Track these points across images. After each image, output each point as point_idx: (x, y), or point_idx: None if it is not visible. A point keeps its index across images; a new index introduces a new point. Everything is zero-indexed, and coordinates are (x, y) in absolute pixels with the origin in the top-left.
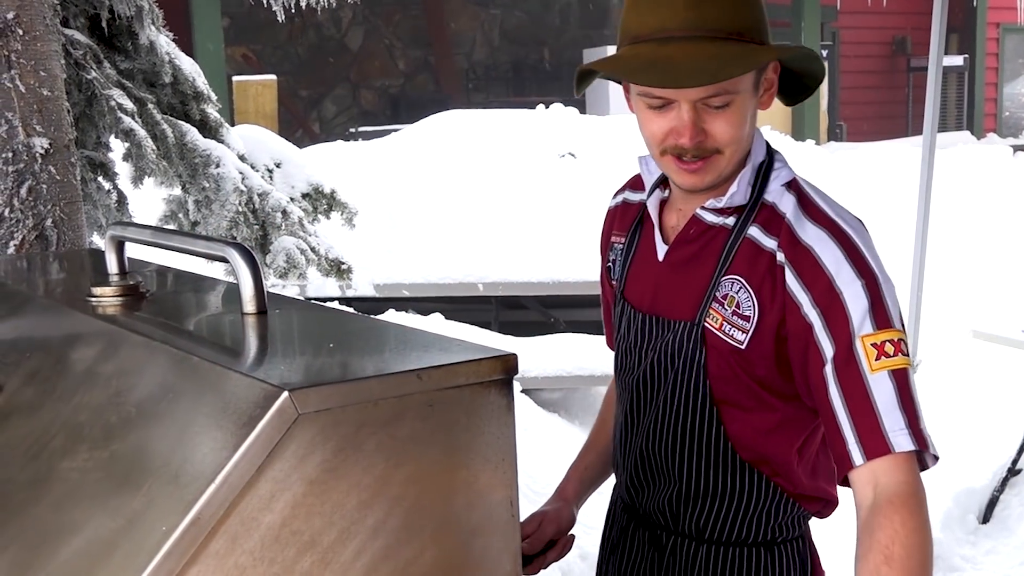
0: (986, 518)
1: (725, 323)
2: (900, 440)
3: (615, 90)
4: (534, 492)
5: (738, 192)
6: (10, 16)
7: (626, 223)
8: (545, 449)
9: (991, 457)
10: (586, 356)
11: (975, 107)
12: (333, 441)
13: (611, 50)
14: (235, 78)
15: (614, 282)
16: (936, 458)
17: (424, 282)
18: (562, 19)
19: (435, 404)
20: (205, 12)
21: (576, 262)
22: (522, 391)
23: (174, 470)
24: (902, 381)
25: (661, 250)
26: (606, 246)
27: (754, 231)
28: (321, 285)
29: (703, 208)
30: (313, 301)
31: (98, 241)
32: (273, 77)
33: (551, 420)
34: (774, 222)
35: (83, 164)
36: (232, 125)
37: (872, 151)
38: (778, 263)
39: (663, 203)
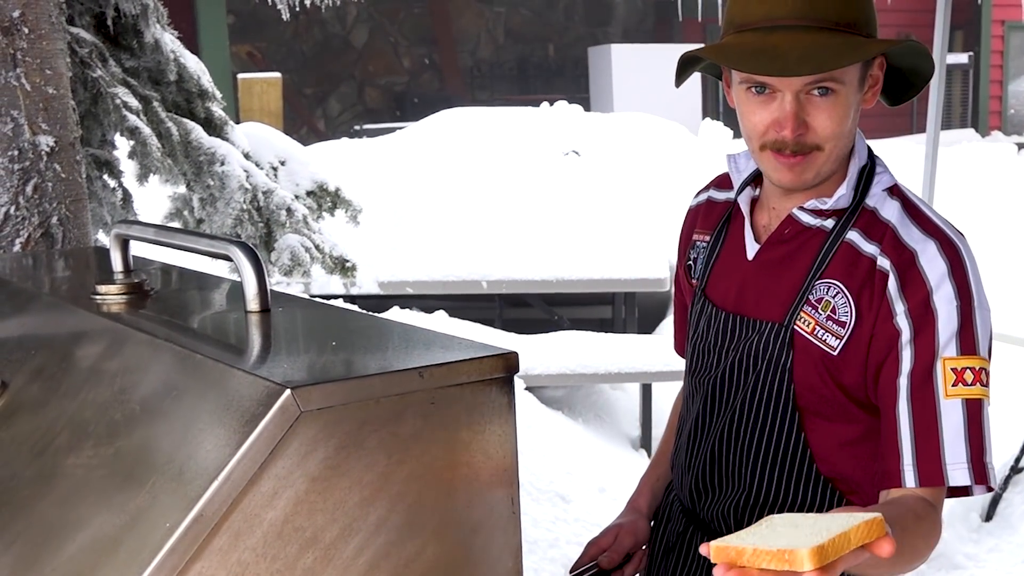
0: (989, 516)
1: (819, 327)
2: (956, 474)
3: (619, 88)
4: (537, 490)
5: (845, 194)
6: (16, 14)
7: (711, 221)
8: (548, 447)
9: (995, 455)
10: (589, 354)
11: (979, 105)
12: (335, 438)
13: (615, 47)
14: (240, 75)
15: (694, 281)
16: (991, 489)
17: (428, 280)
18: (566, 17)
19: (437, 402)
20: (210, 10)
21: (580, 260)
22: (525, 388)
23: (178, 467)
24: (974, 412)
25: (751, 249)
26: (687, 245)
27: (853, 235)
28: (325, 283)
29: (801, 209)
30: (316, 299)
31: (103, 239)
32: (278, 75)
33: (554, 417)
34: (875, 227)
35: (88, 162)
36: (237, 123)
37: (876, 148)
38: (879, 268)
39: (754, 202)
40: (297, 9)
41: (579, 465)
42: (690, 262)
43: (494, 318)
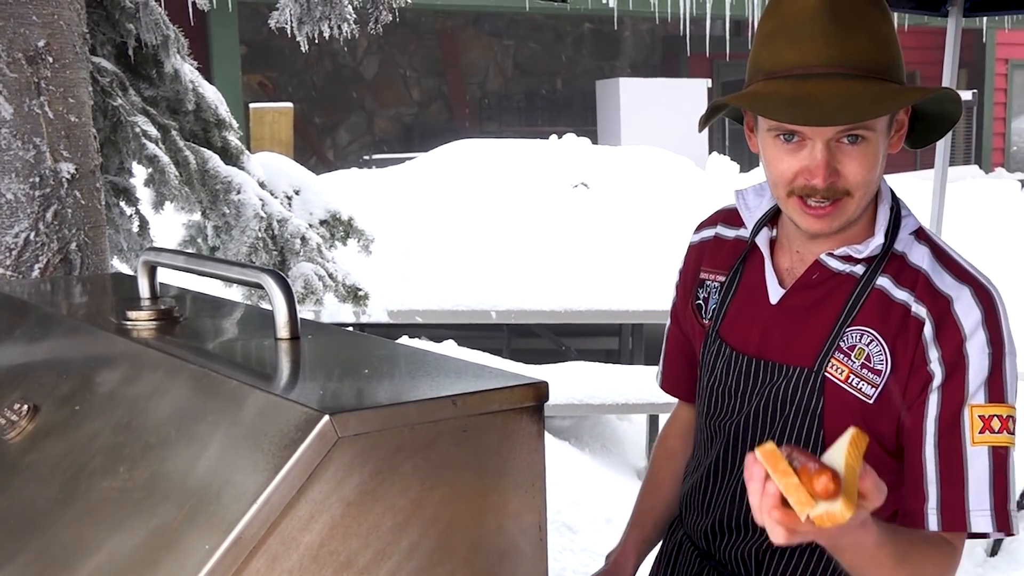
0: (994, 551)
1: (853, 376)
2: (979, 522)
3: (627, 121)
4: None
5: (876, 240)
6: (41, 44)
7: (721, 259)
8: (555, 477)
9: None
10: (596, 384)
11: (983, 141)
12: (370, 464)
13: (623, 81)
14: (252, 105)
15: (706, 320)
16: (1012, 534)
17: (437, 309)
18: (575, 50)
19: (469, 429)
20: (223, 40)
21: (587, 291)
22: None
23: (215, 490)
24: (1000, 459)
25: (775, 293)
26: (692, 282)
27: (884, 282)
28: (335, 311)
29: (830, 255)
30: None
31: (118, 265)
32: (289, 105)
33: (561, 448)
34: (906, 273)
35: (106, 189)
36: (249, 151)
37: None
38: (914, 315)
39: (772, 242)
40: (316, 41)
41: (586, 495)
42: (699, 301)
43: (502, 348)
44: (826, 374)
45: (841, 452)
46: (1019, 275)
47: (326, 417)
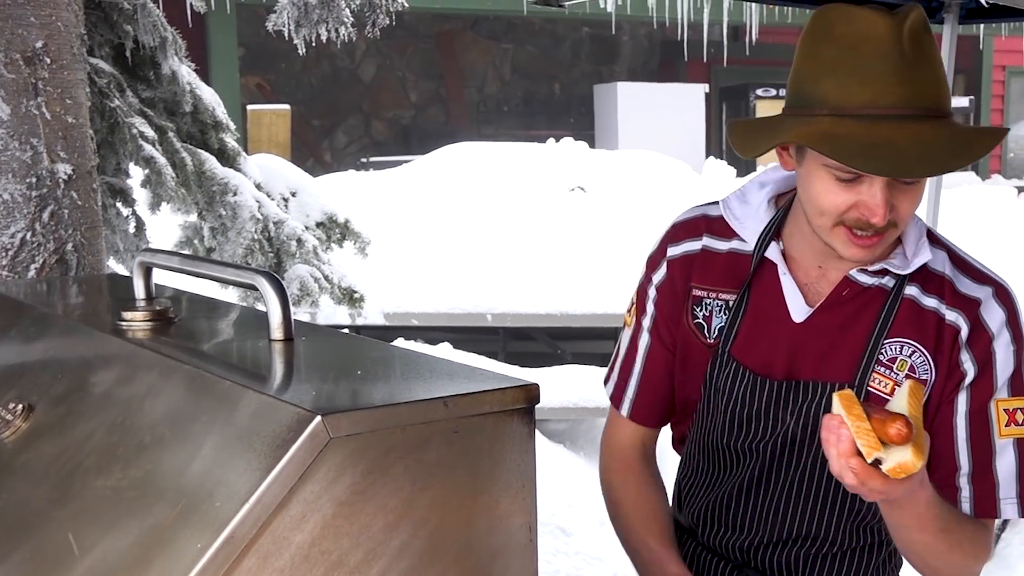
0: None
1: (898, 388)
2: (1008, 509)
3: (624, 125)
4: (538, 522)
5: (923, 256)
6: (39, 45)
7: (716, 274)
8: (549, 480)
9: None
10: (592, 388)
11: None
12: (362, 464)
13: (621, 85)
14: (249, 107)
15: (710, 340)
16: None
17: (433, 312)
18: (573, 54)
19: (460, 431)
20: (222, 41)
21: (584, 295)
22: None
23: (208, 490)
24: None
25: (799, 312)
26: (683, 298)
27: (913, 291)
28: (331, 313)
29: (862, 270)
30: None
31: (114, 266)
32: (287, 107)
33: (556, 451)
34: (931, 280)
35: (103, 190)
36: (246, 153)
37: None
38: (949, 323)
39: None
40: (314, 44)
41: (580, 498)
42: (699, 320)
43: (497, 351)
44: (869, 388)
45: (903, 404)
46: (1016, 280)
47: (318, 418)
